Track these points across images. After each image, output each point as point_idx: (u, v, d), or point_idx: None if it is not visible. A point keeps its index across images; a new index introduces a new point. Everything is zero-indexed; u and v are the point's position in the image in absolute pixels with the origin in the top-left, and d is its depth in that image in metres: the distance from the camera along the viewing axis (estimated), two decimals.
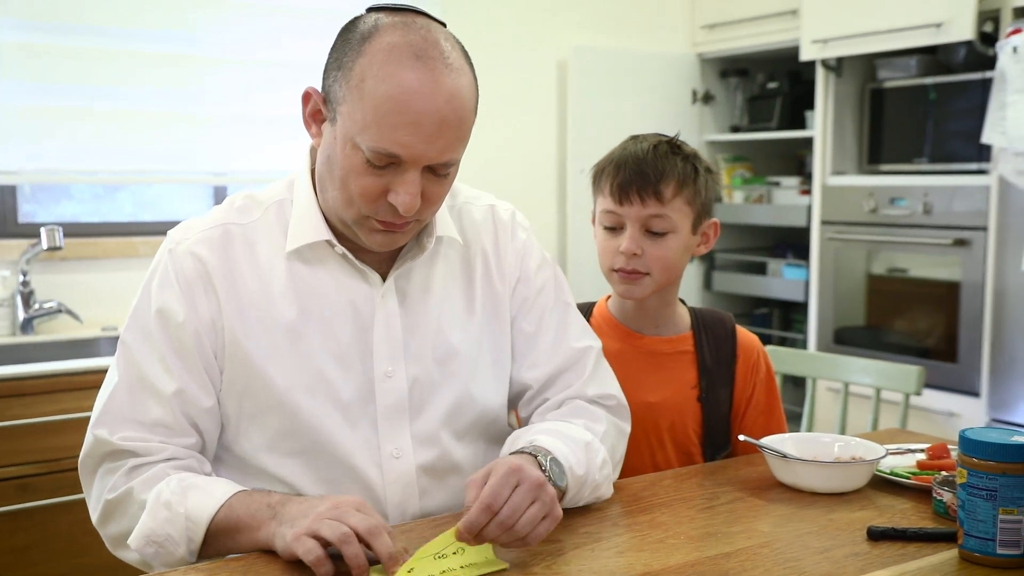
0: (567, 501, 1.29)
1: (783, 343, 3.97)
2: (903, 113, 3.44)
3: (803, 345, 3.81)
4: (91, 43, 2.92)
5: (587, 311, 1.73)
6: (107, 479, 1.27)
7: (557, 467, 1.24)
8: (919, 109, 3.37)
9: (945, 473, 1.40)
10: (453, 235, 1.40)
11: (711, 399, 1.68)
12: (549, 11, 3.79)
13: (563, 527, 1.25)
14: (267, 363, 1.30)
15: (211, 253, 1.31)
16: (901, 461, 1.53)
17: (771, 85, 4.07)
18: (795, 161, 4.21)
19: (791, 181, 3.96)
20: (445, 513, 1.36)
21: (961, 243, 3.14)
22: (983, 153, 3.10)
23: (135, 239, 3.02)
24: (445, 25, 1.28)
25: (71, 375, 2.37)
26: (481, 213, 1.47)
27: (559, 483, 1.23)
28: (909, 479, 1.44)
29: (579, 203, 3.74)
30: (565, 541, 1.23)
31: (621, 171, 1.58)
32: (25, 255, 2.79)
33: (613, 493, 1.40)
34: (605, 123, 3.72)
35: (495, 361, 1.43)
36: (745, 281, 4.05)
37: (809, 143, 3.79)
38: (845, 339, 3.56)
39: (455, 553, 1.12)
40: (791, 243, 4.08)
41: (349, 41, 1.24)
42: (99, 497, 1.28)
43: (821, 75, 3.57)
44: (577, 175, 3.73)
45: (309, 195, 1.34)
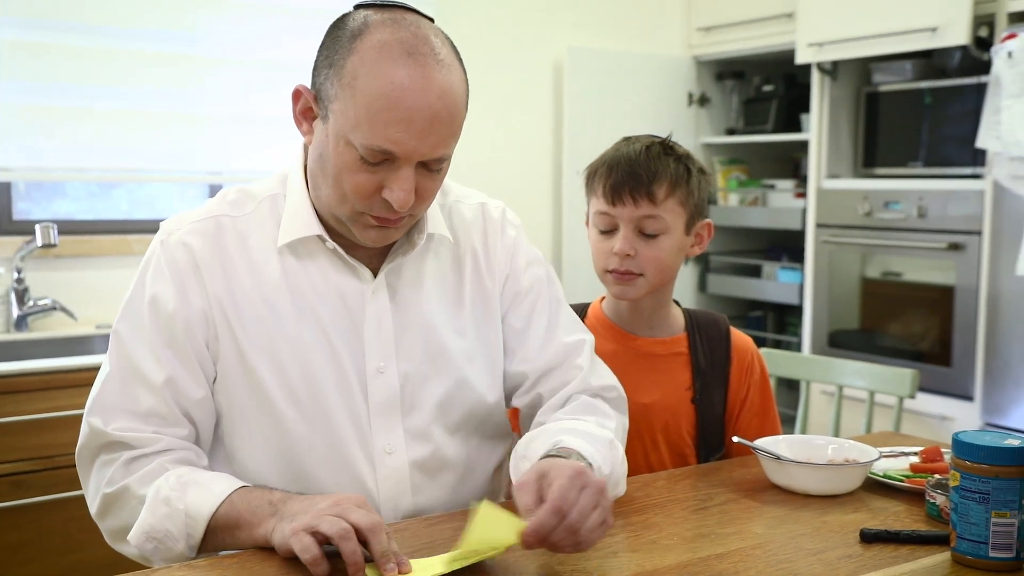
0: None
1: (777, 346, 3.97)
2: (898, 117, 3.45)
3: (797, 348, 3.81)
4: (90, 42, 2.92)
5: (581, 312, 1.73)
6: (104, 471, 1.27)
7: (590, 468, 1.24)
8: (914, 113, 3.37)
9: (938, 476, 1.41)
10: (444, 233, 1.41)
11: (705, 401, 1.68)
12: (545, 12, 3.79)
13: None
14: (258, 356, 1.30)
15: (203, 244, 1.31)
16: (894, 464, 1.53)
17: (767, 88, 4.08)
18: (790, 164, 4.21)
19: (786, 184, 3.96)
20: (438, 510, 1.36)
21: (956, 247, 3.15)
22: (978, 157, 3.10)
23: (130, 237, 3.02)
24: (433, 20, 1.28)
25: (65, 372, 2.37)
26: (471, 211, 1.48)
27: None
28: (902, 482, 1.45)
29: (575, 204, 3.74)
30: None
31: (614, 172, 1.59)
32: (19, 252, 2.79)
33: None
34: (601, 124, 3.73)
35: (486, 356, 1.43)
36: (740, 284, 4.05)
37: (804, 146, 3.80)
38: (839, 342, 3.57)
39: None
40: (786, 246, 4.09)
41: (339, 39, 1.24)
42: (97, 490, 1.28)
43: (816, 78, 3.58)
44: (573, 176, 3.73)
45: (301, 190, 1.34)
